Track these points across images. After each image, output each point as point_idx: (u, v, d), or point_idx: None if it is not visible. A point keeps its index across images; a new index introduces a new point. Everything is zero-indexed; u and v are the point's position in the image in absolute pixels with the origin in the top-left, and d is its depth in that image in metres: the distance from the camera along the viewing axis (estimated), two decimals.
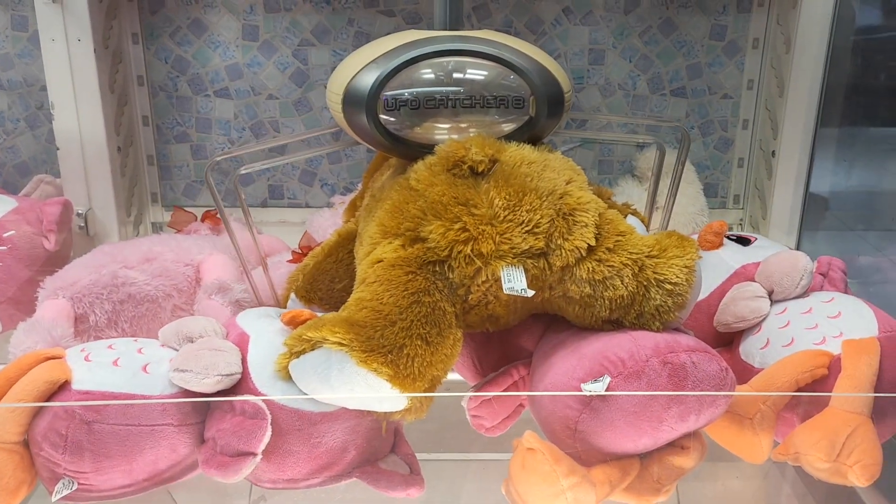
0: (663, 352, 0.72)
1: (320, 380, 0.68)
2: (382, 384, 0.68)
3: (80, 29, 1.17)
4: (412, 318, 0.70)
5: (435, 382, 0.72)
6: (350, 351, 0.67)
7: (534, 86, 0.79)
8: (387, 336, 0.68)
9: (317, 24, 1.33)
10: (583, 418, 0.72)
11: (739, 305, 0.92)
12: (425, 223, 0.75)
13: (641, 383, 0.71)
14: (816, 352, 0.82)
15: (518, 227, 0.74)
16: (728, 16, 1.33)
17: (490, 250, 0.73)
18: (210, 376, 0.71)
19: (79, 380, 0.71)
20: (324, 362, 0.68)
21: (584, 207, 0.76)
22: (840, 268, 0.97)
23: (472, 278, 0.73)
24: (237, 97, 1.36)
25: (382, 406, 0.71)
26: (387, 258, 0.74)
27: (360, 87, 0.78)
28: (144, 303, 0.96)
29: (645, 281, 0.75)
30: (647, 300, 0.75)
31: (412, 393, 0.69)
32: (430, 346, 0.70)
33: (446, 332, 0.72)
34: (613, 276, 0.75)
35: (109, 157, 1.24)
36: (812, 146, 1.24)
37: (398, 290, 0.71)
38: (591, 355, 0.74)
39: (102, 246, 1.03)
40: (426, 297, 0.72)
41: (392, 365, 0.68)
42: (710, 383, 0.72)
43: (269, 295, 0.99)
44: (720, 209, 1.43)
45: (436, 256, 0.73)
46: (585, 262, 0.74)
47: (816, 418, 0.78)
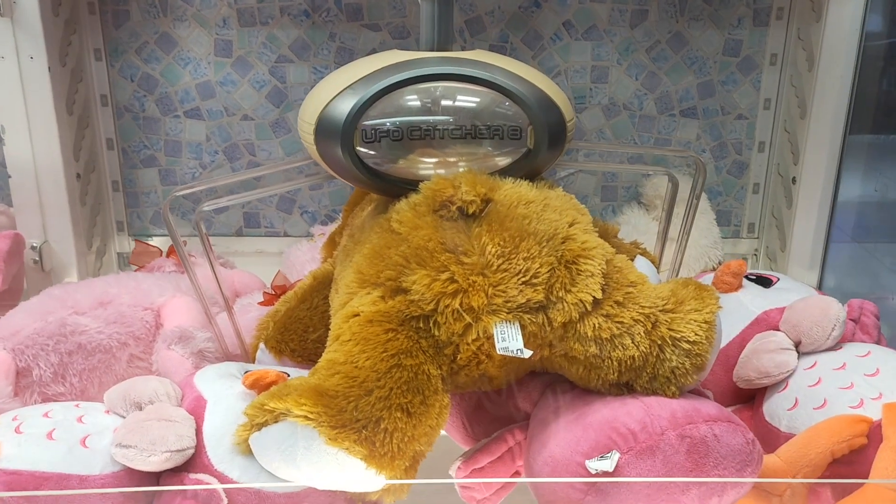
0: (681, 423, 0.66)
1: (284, 457, 0.62)
2: (356, 464, 0.62)
3: (33, 45, 1.11)
4: (391, 386, 0.64)
5: (417, 458, 0.67)
6: (318, 426, 0.61)
7: (532, 114, 0.74)
8: (361, 408, 0.63)
9: (296, 39, 1.29)
10: (588, 500, 0.67)
11: (763, 359, 0.87)
12: (408, 272, 0.69)
13: (656, 461, 0.65)
14: (854, 417, 0.76)
15: (514, 277, 0.69)
16: (743, 29, 1.30)
17: (481, 304, 0.68)
18: (157, 453, 0.67)
19: (7, 456, 0.66)
20: (288, 437, 0.62)
21: (590, 254, 0.71)
22: (873, 312, 0.93)
23: (462, 336, 0.68)
24: (209, 118, 1.32)
25: (356, 486, 0.65)
26: (364, 312, 0.69)
27: (334, 115, 0.73)
28: (96, 353, 0.92)
29: (659, 339, 0.70)
30: (662, 361, 0.70)
31: (391, 472, 0.64)
32: (413, 417, 0.65)
33: (431, 399, 0.67)
34: (623, 333, 0.69)
35: (66, 185, 1.18)
36: (838, 172, 1.20)
37: (376, 352, 0.66)
38: (597, 425, 0.68)
39: (51, 289, 0.98)
40: (408, 360, 0.66)
41: (367, 443, 0.62)
42: (734, 459, 0.66)
43: (236, 343, 0.92)
44: (733, 238, 1.40)
45: (420, 311, 0.68)
46: (591, 318, 0.69)
47: (854, 496, 0.71)
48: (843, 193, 1.24)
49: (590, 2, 1.28)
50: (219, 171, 1.34)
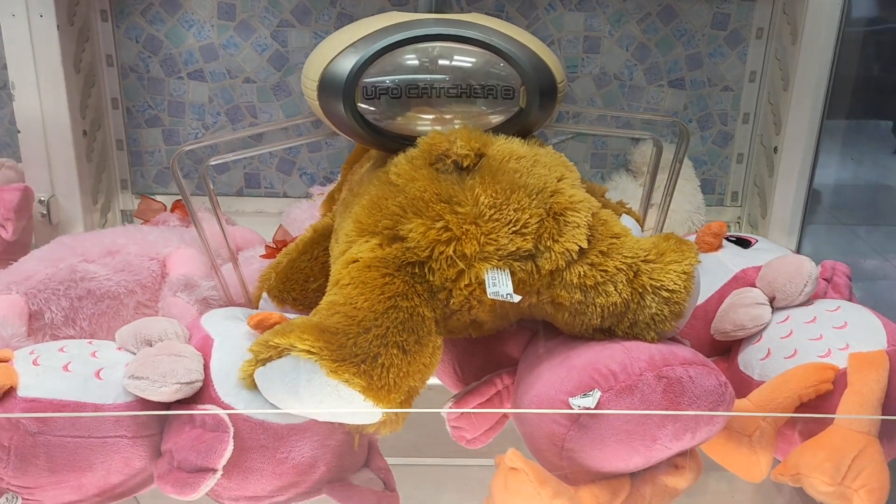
0: (658, 365, 0.70)
1: (287, 390, 0.65)
2: (355, 396, 0.65)
3: (42, 4, 1.13)
4: (388, 325, 0.67)
5: (412, 393, 0.70)
6: (320, 360, 0.64)
7: (525, 75, 0.76)
8: (360, 344, 0.65)
9: (297, 4, 1.30)
10: (570, 435, 0.70)
11: (739, 313, 0.90)
12: (405, 221, 0.72)
13: (634, 399, 0.68)
14: (821, 365, 0.80)
15: (505, 226, 0.71)
16: (731, 4, 1.31)
17: (474, 251, 0.70)
18: (168, 384, 0.69)
19: (25, 386, 0.69)
20: (291, 371, 0.65)
21: (576, 207, 0.73)
22: (845, 273, 0.96)
23: (455, 281, 0.70)
24: (212, 80, 1.33)
25: (355, 419, 0.68)
26: (363, 258, 0.71)
27: (337, 72, 0.75)
28: (105, 299, 0.94)
29: (640, 287, 0.72)
30: (642, 308, 0.73)
31: (387, 405, 0.67)
32: (408, 355, 0.68)
33: (425, 339, 0.70)
34: (606, 281, 0.72)
35: (74, 141, 1.20)
36: (817, 142, 1.22)
37: (374, 294, 0.68)
38: (580, 367, 0.71)
39: (62, 238, 1.00)
40: (404, 302, 0.69)
41: (365, 376, 0.65)
42: (707, 399, 0.70)
43: (240, 293, 0.95)
44: (717, 206, 1.42)
45: (415, 257, 0.70)
46: (576, 266, 0.72)
47: (820, 437, 0.76)
48: (822, 175, 1.28)
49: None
50: (221, 131, 1.35)
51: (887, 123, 1.44)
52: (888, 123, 1.44)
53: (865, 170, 1.42)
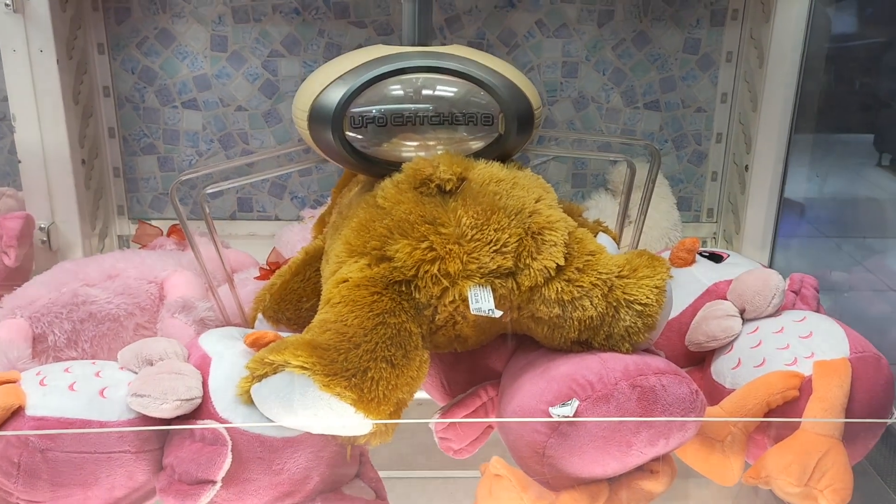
0: (632, 374, 0.72)
1: (282, 404, 0.67)
2: (346, 408, 0.67)
3: (42, 39, 1.15)
4: (377, 340, 0.69)
5: (401, 405, 0.72)
6: (313, 375, 0.65)
7: (503, 102, 0.79)
8: (350, 359, 0.67)
9: (287, 35, 1.32)
10: (551, 443, 0.71)
11: (711, 324, 0.92)
12: (391, 242, 0.74)
13: (610, 407, 0.70)
14: (788, 373, 0.81)
15: (486, 246, 0.73)
16: (702, 29, 1.34)
17: (457, 270, 0.72)
18: (169, 401, 0.70)
19: (33, 405, 0.70)
20: (286, 386, 0.67)
21: (553, 226, 0.76)
22: (812, 285, 0.97)
23: (439, 298, 0.73)
24: (205, 108, 1.35)
25: (347, 430, 0.70)
26: (352, 278, 0.73)
27: (325, 103, 0.78)
28: (106, 322, 0.95)
29: (615, 301, 0.74)
30: (617, 321, 0.75)
31: (377, 416, 0.69)
32: (396, 368, 0.70)
33: (412, 353, 0.72)
34: (583, 296, 0.74)
35: (73, 170, 1.22)
36: (785, 161, 1.25)
37: (363, 312, 0.70)
38: (559, 378, 0.73)
39: (63, 263, 1.01)
40: (392, 319, 0.71)
41: (356, 389, 0.67)
42: (679, 407, 0.72)
43: (237, 313, 0.97)
44: (694, 223, 1.44)
45: (402, 276, 0.72)
46: (554, 283, 0.74)
47: (787, 441, 0.78)
48: (791, 189, 1.31)
49: (560, 2, 1.30)
50: (214, 158, 1.36)
51: (856, 137, 1.47)
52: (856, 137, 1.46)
53: (834, 184, 1.44)
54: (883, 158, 1.40)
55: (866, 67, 1.39)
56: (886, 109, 1.39)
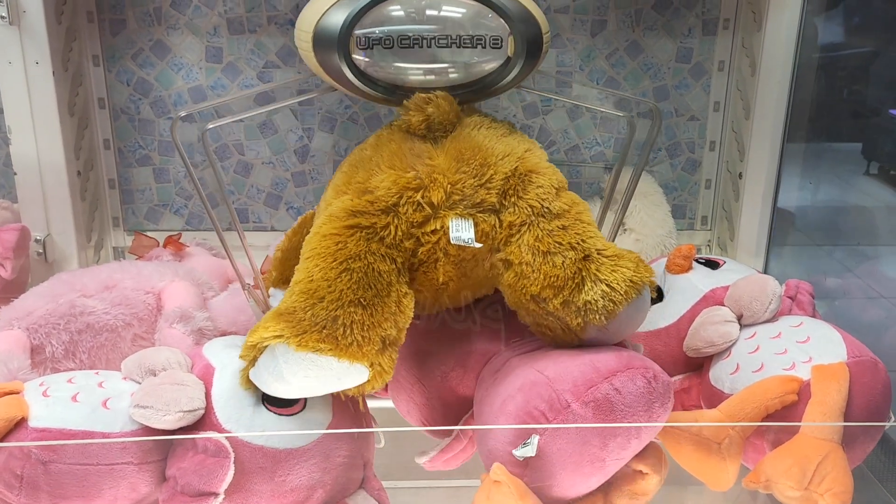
0: (581, 390, 0.71)
1: (275, 377, 0.68)
2: (330, 361, 0.67)
3: (38, 51, 1.15)
4: (341, 288, 0.70)
5: (389, 342, 0.72)
6: (286, 340, 0.67)
7: (512, 25, 0.78)
8: (317, 313, 0.69)
9: (282, 46, 1.32)
10: (527, 479, 0.72)
11: (709, 330, 0.93)
12: (377, 173, 0.75)
13: (570, 433, 0.70)
14: (786, 378, 0.82)
15: (471, 179, 0.75)
16: (694, 38, 1.34)
17: (440, 200, 0.74)
18: (171, 413, 0.70)
19: (36, 416, 0.70)
20: (271, 360, 0.68)
21: (542, 171, 0.77)
22: (808, 291, 0.98)
23: (420, 227, 0.74)
24: (201, 120, 1.34)
25: (344, 384, 0.70)
26: (323, 228, 0.74)
27: (330, 25, 0.77)
28: (103, 332, 0.95)
29: (584, 271, 0.74)
30: (579, 291, 0.74)
31: (362, 359, 0.69)
32: (368, 308, 0.70)
33: (385, 290, 0.72)
34: (557, 253, 0.74)
35: (69, 182, 1.22)
36: (779, 168, 1.25)
37: (326, 262, 0.72)
38: (515, 413, 0.73)
39: (60, 274, 1.01)
40: (356, 263, 0.72)
41: (329, 339, 0.68)
42: (639, 402, 0.71)
43: (261, 299, 0.97)
44: (688, 230, 1.44)
45: (383, 205, 0.73)
46: (535, 229, 0.75)
47: (787, 445, 0.78)
48: (784, 198, 1.31)
49: (553, 12, 1.31)
50: (209, 170, 1.35)
51: (846, 146, 1.48)
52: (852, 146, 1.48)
53: (825, 192, 1.46)
54: (871, 167, 1.42)
55: (855, 76, 1.40)
56: (874, 118, 1.40)
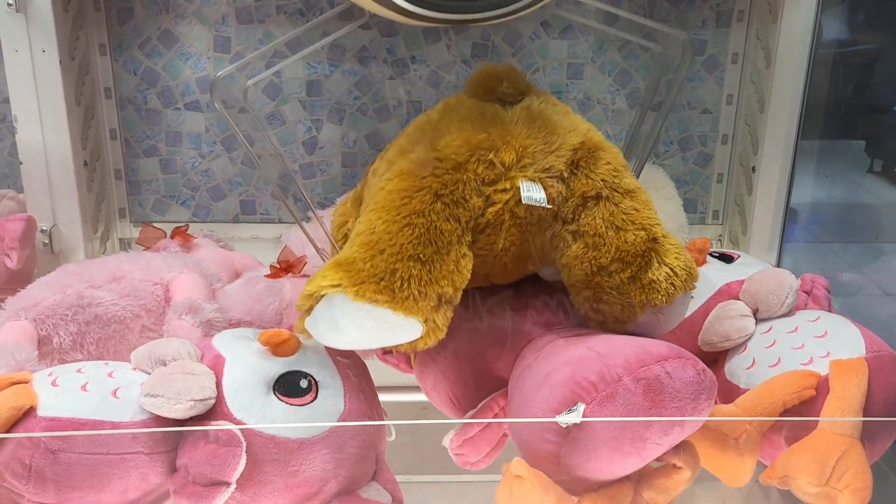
0: (634, 367, 0.71)
1: (331, 327, 0.70)
2: (385, 313, 0.69)
3: (45, 39, 1.14)
4: (402, 242, 0.71)
5: (445, 300, 0.73)
6: (343, 289, 0.69)
7: None
8: (377, 264, 0.70)
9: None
10: (564, 451, 0.71)
11: (724, 324, 0.92)
12: (447, 134, 0.77)
13: (617, 405, 0.69)
14: (804, 372, 0.82)
15: (542, 145, 0.78)
16: (707, 30, 1.34)
17: (512, 160, 0.76)
18: (182, 402, 0.70)
19: (45, 406, 0.70)
20: (328, 309, 0.70)
21: (608, 149, 0.80)
22: (824, 285, 0.98)
23: (491, 185, 0.75)
24: (208, 110, 1.34)
25: (398, 338, 0.71)
26: (389, 185, 0.75)
27: None
28: (112, 324, 0.94)
29: (653, 252, 0.77)
30: (646, 270, 0.76)
31: (418, 314, 0.70)
32: (426, 264, 0.71)
33: (445, 249, 0.73)
34: (629, 229, 0.76)
35: (75, 172, 1.21)
36: (793, 161, 1.25)
37: (390, 216, 0.73)
38: (561, 383, 0.72)
39: (68, 265, 1.00)
40: (419, 219, 0.73)
41: (386, 290, 0.69)
42: (688, 391, 0.71)
43: (324, 241, 1.00)
44: (699, 225, 1.44)
45: (453, 161, 0.75)
46: (609, 204, 0.77)
47: (805, 441, 0.78)
48: (798, 194, 1.31)
49: (566, 2, 1.28)
50: (217, 161, 1.36)
51: (859, 143, 1.48)
52: (860, 143, 1.48)
53: (840, 188, 1.45)
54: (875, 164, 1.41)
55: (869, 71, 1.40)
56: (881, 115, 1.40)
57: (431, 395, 0.90)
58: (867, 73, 1.41)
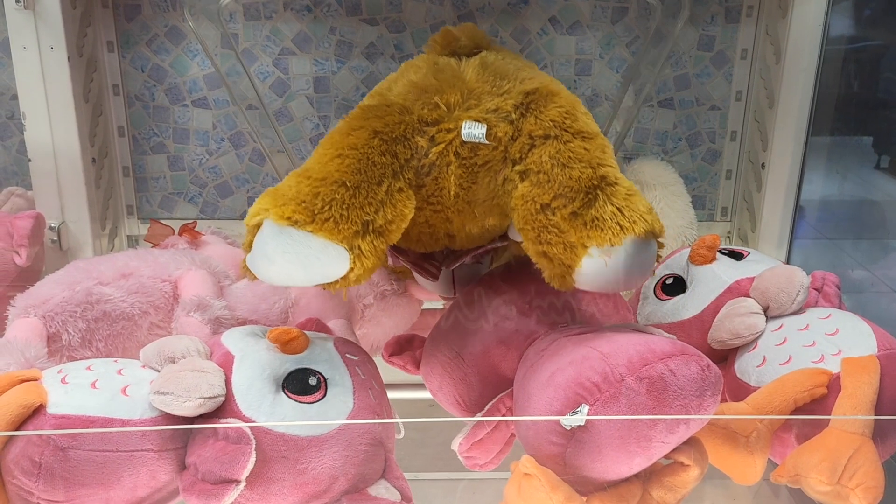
0: (637, 367, 0.70)
1: (261, 255, 0.71)
2: (306, 236, 0.69)
3: (53, 36, 1.15)
4: (331, 169, 0.72)
5: (372, 229, 0.72)
6: (267, 213, 0.69)
7: None
8: (301, 189, 0.70)
9: (298, 33, 1.32)
10: (569, 452, 0.71)
11: (735, 322, 0.91)
12: (398, 81, 0.80)
13: (621, 405, 0.69)
14: (815, 370, 0.81)
15: (490, 88, 0.78)
16: (716, 26, 1.33)
17: (457, 101, 0.77)
18: (192, 399, 0.70)
19: (55, 403, 0.70)
20: (259, 238, 0.70)
21: (566, 97, 0.79)
22: (834, 282, 0.97)
23: (434, 125, 0.76)
24: (216, 107, 1.34)
25: (325, 267, 0.71)
26: (335, 128, 0.77)
27: None
28: (120, 321, 0.94)
29: (599, 190, 0.74)
30: (590, 207, 0.73)
31: (339, 237, 0.70)
32: (350, 188, 0.71)
33: (376, 179, 0.73)
34: (575, 167, 0.74)
35: (83, 169, 1.22)
36: (803, 158, 1.24)
37: (325, 150, 0.74)
38: (565, 385, 0.72)
39: (76, 261, 1.00)
40: (352, 151, 0.73)
41: (306, 212, 0.69)
42: (692, 388, 0.70)
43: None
44: (708, 222, 1.43)
45: (399, 106, 0.76)
46: (557, 143, 0.76)
47: (817, 439, 0.77)
48: (808, 190, 1.30)
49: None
50: (224, 157, 1.36)
51: (869, 139, 1.48)
52: (870, 139, 1.47)
53: (850, 185, 1.45)
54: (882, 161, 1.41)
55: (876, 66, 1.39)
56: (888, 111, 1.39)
57: (438, 396, 0.90)
58: (875, 68, 1.40)
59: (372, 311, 1.03)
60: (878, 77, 1.42)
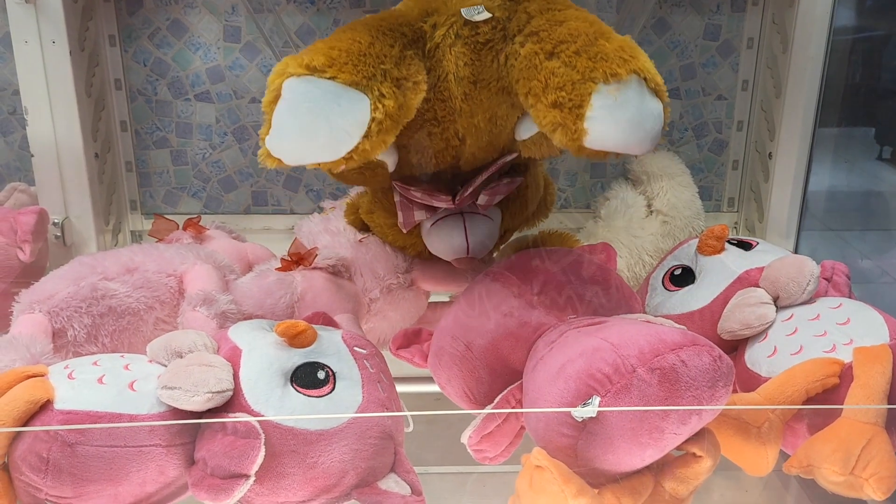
0: (648, 357, 0.69)
1: (283, 114, 0.72)
2: (326, 82, 0.71)
3: (54, 30, 1.14)
4: (345, 38, 0.75)
5: (389, 76, 0.75)
6: (287, 71, 0.71)
7: None
8: (318, 47, 0.73)
9: (301, 25, 1.31)
10: (580, 444, 0.70)
11: (745, 312, 0.91)
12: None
13: (632, 397, 0.68)
14: (827, 360, 0.81)
15: None
16: (722, 15, 1.33)
17: None
18: (200, 394, 0.70)
19: (62, 399, 0.69)
20: (281, 103, 0.71)
21: None
22: (844, 272, 0.97)
23: (435, 13, 0.82)
24: (219, 101, 1.34)
25: (344, 110, 0.71)
26: None
27: None
28: (126, 316, 0.94)
29: (598, 34, 0.76)
30: (592, 44, 0.75)
31: (354, 77, 0.71)
32: (365, 44, 0.74)
33: (389, 42, 0.77)
34: (573, 22, 0.77)
35: (86, 164, 1.21)
36: (810, 147, 1.24)
37: (347, 28, 0.78)
38: (575, 376, 0.71)
39: (81, 257, 0.99)
40: (361, 25, 0.77)
41: (325, 58, 0.71)
42: (704, 378, 0.69)
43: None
44: (714, 212, 1.43)
45: (400, 9, 0.83)
46: (553, 12, 0.79)
47: (829, 429, 0.77)
48: (813, 182, 1.30)
49: None
50: (228, 151, 1.36)
51: (871, 130, 1.47)
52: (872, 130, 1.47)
53: (856, 175, 1.44)
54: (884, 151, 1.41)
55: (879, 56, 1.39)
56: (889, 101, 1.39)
57: (446, 390, 0.89)
58: (879, 59, 1.40)
59: (378, 305, 1.03)
60: (881, 67, 1.41)
